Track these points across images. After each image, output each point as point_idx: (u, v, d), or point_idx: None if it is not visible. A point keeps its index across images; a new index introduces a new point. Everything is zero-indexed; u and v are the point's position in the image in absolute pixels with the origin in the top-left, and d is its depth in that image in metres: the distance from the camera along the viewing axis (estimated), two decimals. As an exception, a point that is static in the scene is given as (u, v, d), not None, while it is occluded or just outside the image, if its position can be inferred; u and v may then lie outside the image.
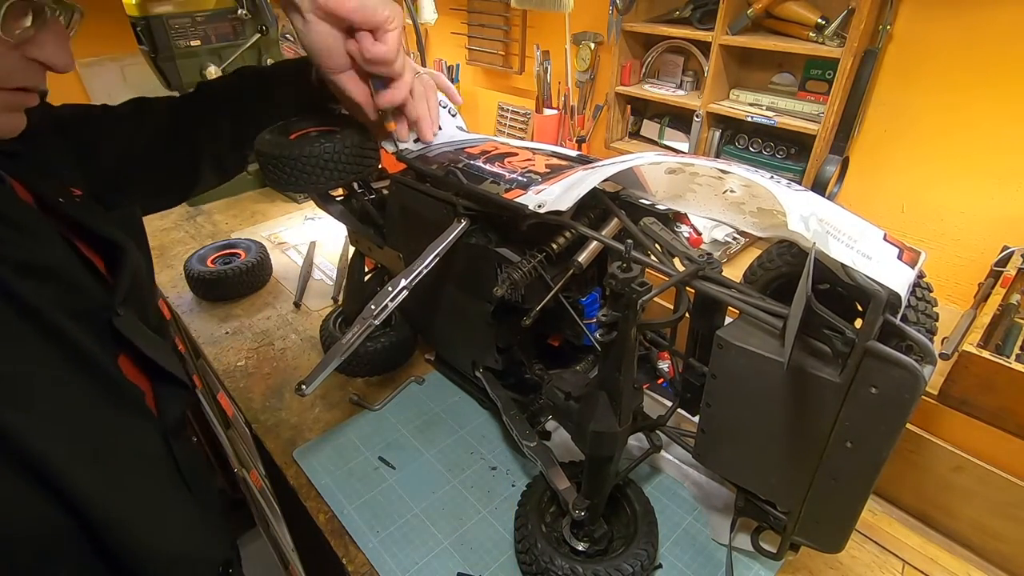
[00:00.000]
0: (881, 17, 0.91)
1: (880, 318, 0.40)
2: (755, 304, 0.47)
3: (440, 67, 1.67)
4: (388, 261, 0.82)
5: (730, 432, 0.53)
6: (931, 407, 0.67)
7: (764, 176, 0.46)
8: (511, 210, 0.58)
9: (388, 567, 0.61)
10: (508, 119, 1.63)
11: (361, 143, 0.66)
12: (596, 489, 0.57)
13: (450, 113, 0.76)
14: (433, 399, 0.82)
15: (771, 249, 0.53)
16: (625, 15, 1.20)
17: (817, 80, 1.03)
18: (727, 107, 1.11)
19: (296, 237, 1.29)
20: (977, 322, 0.72)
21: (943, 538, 0.67)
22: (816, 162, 1.02)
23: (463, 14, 1.60)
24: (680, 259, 0.51)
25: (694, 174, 0.53)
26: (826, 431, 0.45)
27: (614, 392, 0.51)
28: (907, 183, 0.99)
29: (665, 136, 1.29)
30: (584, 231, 0.56)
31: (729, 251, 1.07)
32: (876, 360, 0.40)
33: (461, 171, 0.64)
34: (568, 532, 0.60)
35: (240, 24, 1.30)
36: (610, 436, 0.52)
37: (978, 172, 0.91)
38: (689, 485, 0.70)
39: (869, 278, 0.39)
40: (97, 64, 1.54)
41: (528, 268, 0.58)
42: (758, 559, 0.61)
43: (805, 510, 0.51)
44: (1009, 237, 0.89)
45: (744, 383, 0.49)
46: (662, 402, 0.76)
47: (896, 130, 0.98)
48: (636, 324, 0.45)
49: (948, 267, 0.97)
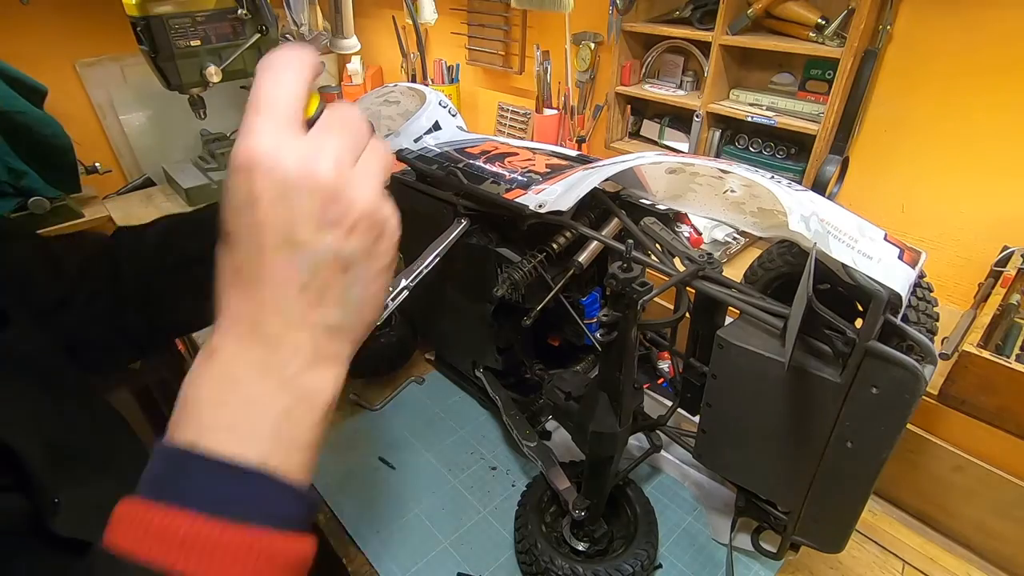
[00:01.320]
0: (881, 17, 0.91)
1: (881, 318, 0.40)
2: (756, 304, 0.47)
3: (440, 67, 1.67)
4: (388, 261, 0.82)
5: (731, 432, 0.53)
6: (931, 407, 0.67)
7: (765, 176, 0.46)
8: (512, 210, 0.58)
9: (388, 567, 0.60)
10: (508, 119, 1.63)
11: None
12: (596, 489, 0.57)
13: (450, 113, 0.76)
14: (433, 399, 0.82)
15: (771, 249, 0.53)
16: (625, 15, 1.20)
17: (817, 80, 1.03)
18: (727, 107, 1.11)
19: (296, 237, 1.29)
20: (977, 322, 0.72)
21: (943, 538, 0.67)
22: (816, 162, 1.02)
23: (463, 14, 1.60)
24: (680, 259, 0.51)
25: (694, 174, 0.53)
26: (827, 431, 0.45)
27: (614, 392, 0.51)
28: (907, 183, 0.99)
29: (665, 136, 1.29)
30: (585, 231, 0.56)
31: (729, 251, 1.06)
32: (877, 360, 0.40)
33: (461, 171, 0.64)
34: (568, 532, 0.60)
35: (240, 24, 1.29)
36: (610, 436, 0.52)
37: (978, 172, 0.91)
38: (689, 485, 0.70)
39: (870, 278, 0.39)
40: (97, 64, 1.54)
41: (528, 268, 0.58)
42: (758, 559, 0.61)
43: (805, 510, 0.51)
44: (1009, 237, 0.88)
45: (745, 383, 0.49)
46: (662, 402, 0.76)
47: (896, 130, 0.98)
48: (636, 324, 0.45)
49: (948, 267, 0.97)
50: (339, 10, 1.19)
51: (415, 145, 0.72)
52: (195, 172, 1.53)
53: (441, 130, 0.74)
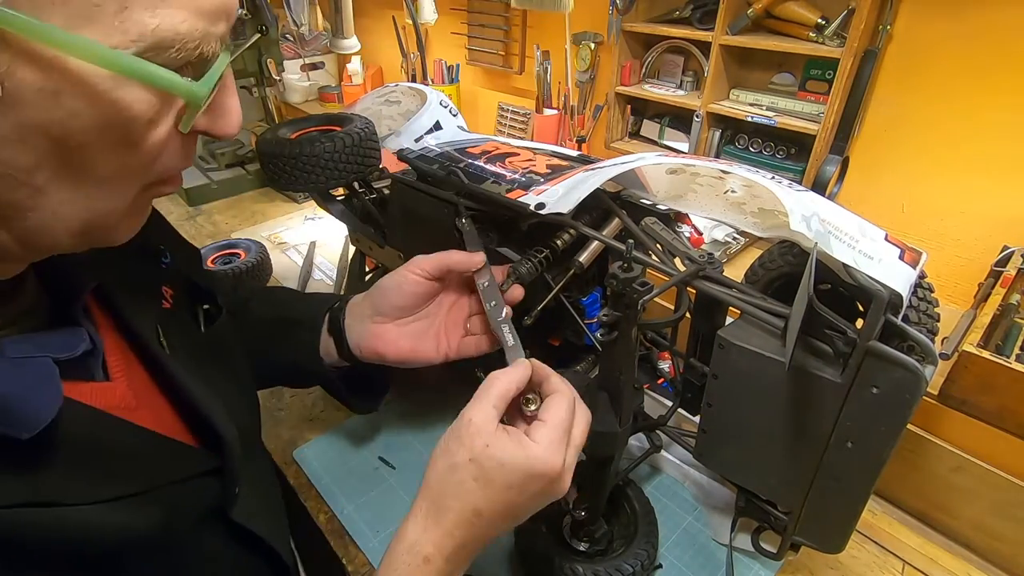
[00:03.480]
0: (881, 17, 0.91)
1: (882, 318, 0.40)
2: (756, 304, 0.47)
3: (440, 67, 1.67)
4: (389, 261, 0.82)
5: (731, 432, 0.53)
6: (931, 407, 0.67)
7: (765, 176, 0.46)
8: (513, 210, 0.58)
9: (388, 567, 0.60)
10: (508, 119, 1.63)
11: (362, 142, 0.66)
12: (596, 489, 0.57)
13: (451, 113, 0.76)
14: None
15: (772, 249, 0.53)
16: (625, 15, 1.20)
17: (817, 80, 1.03)
18: (727, 107, 1.11)
19: (296, 237, 1.29)
20: (977, 322, 0.72)
21: (943, 538, 0.67)
22: (816, 162, 1.02)
23: (463, 14, 1.60)
24: (681, 259, 0.51)
25: (695, 174, 0.53)
26: (827, 431, 0.45)
27: (615, 392, 0.51)
28: (907, 183, 0.99)
29: (665, 136, 1.29)
30: (586, 231, 0.55)
31: (730, 251, 1.07)
32: (877, 360, 0.40)
33: (462, 171, 0.64)
34: (568, 532, 0.60)
35: (240, 24, 1.29)
36: (610, 436, 0.52)
37: (978, 172, 0.91)
38: (689, 485, 0.70)
39: (871, 278, 0.39)
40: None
41: (536, 263, 0.57)
42: (758, 559, 0.61)
43: (806, 510, 0.51)
44: (1009, 237, 0.89)
45: (745, 383, 0.49)
46: (662, 402, 0.76)
47: (896, 130, 0.98)
48: (637, 324, 0.45)
49: (948, 267, 0.97)
50: (339, 10, 1.19)
51: (416, 145, 0.72)
52: (195, 172, 1.52)
53: (442, 130, 0.74)
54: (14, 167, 0.27)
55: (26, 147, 0.27)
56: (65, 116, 0.26)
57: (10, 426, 0.28)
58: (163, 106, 0.30)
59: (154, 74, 0.27)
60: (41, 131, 0.26)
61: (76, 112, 0.27)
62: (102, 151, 0.29)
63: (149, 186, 0.34)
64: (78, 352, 0.35)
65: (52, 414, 0.29)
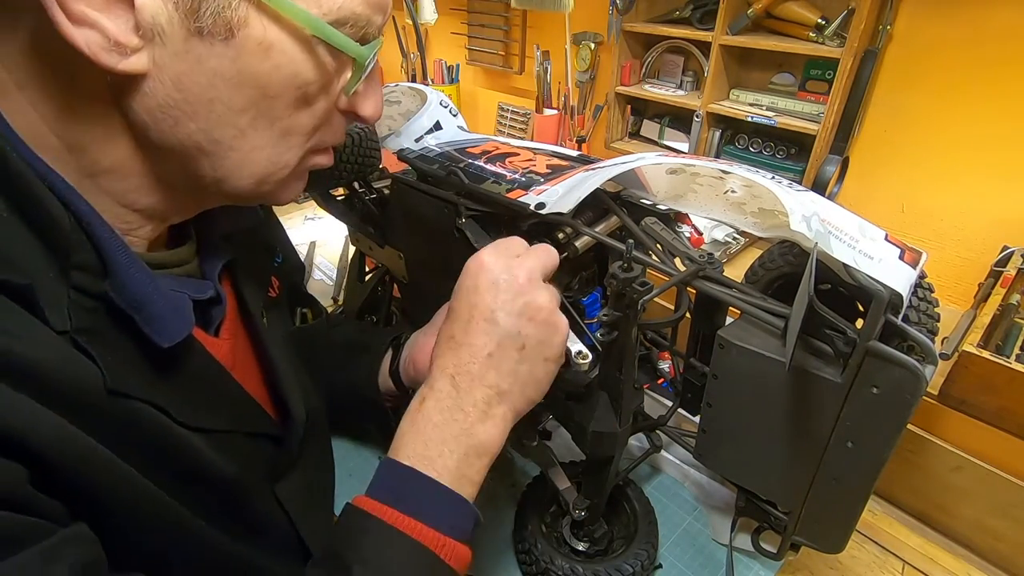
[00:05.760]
0: (881, 17, 0.91)
1: (882, 318, 0.40)
2: (756, 304, 0.47)
3: (440, 67, 1.67)
4: (389, 261, 0.82)
5: (731, 432, 0.53)
6: (931, 407, 0.67)
7: (765, 176, 0.46)
8: (513, 209, 0.58)
9: (388, 567, 0.60)
10: (508, 119, 1.63)
11: (362, 142, 0.66)
12: (596, 489, 0.57)
13: (451, 113, 0.76)
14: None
15: (772, 249, 0.53)
16: (625, 15, 1.20)
17: (817, 80, 1.03)
18: (727, 107, 1.12)
19: (296, 237, 1.29)
20: (977, 322, 0.72)
21: (943, 538, 0.67)
22: (816, 162, 1.02)
23: (463, 14, 1.60)
24: (681, 259, 0.51)
25: (695, 175, 0.53)
26: (827, 431, 0.45)
27: (614, 392, 0.51)
28: (907, 183, 0.99)
29: (665, 136, 1.29)
30: (586, 231, 0.55)
31: (730, 251, 1.07)
32: (878, 360, 0.40)
33: (463, 171, 0.64)
34: (568, 532, 0.60)
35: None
36: (610, 436, 0.52)
37: (978, 172, 0.91)
38: (689, 485, 0.70)
39: (871, 278, 0.39)
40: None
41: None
42: (758, 559, 0.61)
43: (806, 510, 0.51)
44: (1009, 237, 0.89)
45: (745, 383, 0.49)
46: (662, 402, 0.76)
47: (896, 130, 0.98)
48: (637, 324, 0.45)
49: (948, 267, 0.97)
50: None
51: (416, 145, 0.71)
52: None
53: (442, 130, 0.74)
54: (229, 106, 0.33)
55: (241, 91, 0.33)
56: (270, 68, 0.33)
57: (159, 335, 0.35)
58: (335, 75, 0.37)
59: (339, 38, 0.34)
60: (252, 79, 0.33)
61: (279, 66, 0.33)
62: (287, 106, 0.35)
63: (309, 153, 0.40)
64: (206, 296, 0.43)
65: (184, 334, 0.36)
